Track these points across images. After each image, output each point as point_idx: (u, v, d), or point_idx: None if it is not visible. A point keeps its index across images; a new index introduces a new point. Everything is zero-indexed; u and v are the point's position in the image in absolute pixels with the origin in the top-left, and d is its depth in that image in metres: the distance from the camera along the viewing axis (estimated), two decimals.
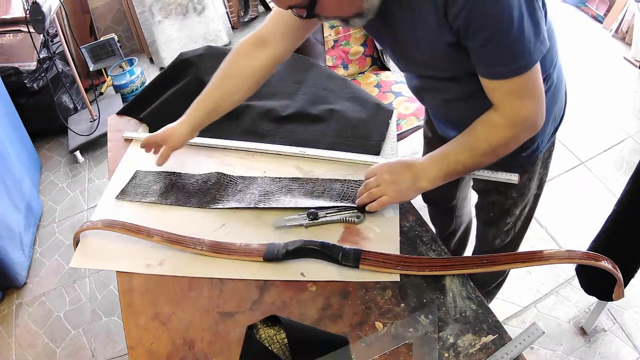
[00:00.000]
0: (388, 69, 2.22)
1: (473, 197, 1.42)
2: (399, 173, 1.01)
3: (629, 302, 1.84)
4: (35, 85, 2.89)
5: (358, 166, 1.19)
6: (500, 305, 1.89)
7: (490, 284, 1.60)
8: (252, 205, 1.10)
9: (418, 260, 0.94)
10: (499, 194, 1.25)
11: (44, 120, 3.02)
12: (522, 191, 1.22)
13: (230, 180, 1.18)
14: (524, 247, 2.10)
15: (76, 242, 1.10)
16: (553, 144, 1.22)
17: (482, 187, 1.30)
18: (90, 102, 2.96)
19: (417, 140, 2.54)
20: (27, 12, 2.33)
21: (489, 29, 0.79)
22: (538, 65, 0.85)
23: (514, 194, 1.23)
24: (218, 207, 1.11)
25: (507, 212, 1.29)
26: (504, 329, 0.82)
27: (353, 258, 0.94)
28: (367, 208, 1.02)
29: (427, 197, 1.55)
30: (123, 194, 1.19)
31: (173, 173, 1.23)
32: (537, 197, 1.33)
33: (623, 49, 3.13)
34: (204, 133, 1.35)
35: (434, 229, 1.39)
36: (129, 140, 1.38)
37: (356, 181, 1.12)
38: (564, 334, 1.78)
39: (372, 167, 1.05)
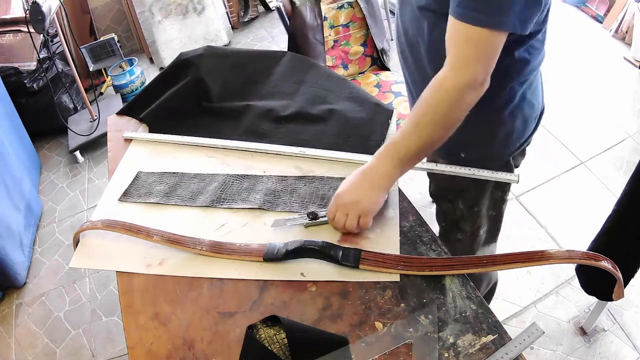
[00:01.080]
0: (388, 69, 2.22)
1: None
2: (355, 190, 0.95)
3: (629, 302, 1.84)
4: (35, 85, 2.89)
5: (358, 166, 1.18)
6: (500, 305, 1.89)
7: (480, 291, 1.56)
8: (256, 207, 1.10)
9: (418, 260, 0.94)
10: (448, 202, 1.24)
11: (43, 120, 3.02)
12: (469, 204, 1.20)
13: (236, 180, 1.18)
14: (524, 247, 2.11)
15: (76, 242, 1.10)
16: (509, 167, 1.17)
17: (434, 191, 1.28)
18: (90, 102, 2.96)
19: None
20: (27, 12, 2.33)
21: None
22: (505, 36, 0.83)
23: (461, 205, 1.21)
24: (224, 207, 1.11)
25: (456, 226, 1.26)
26: (503, 329, 0.82)
27: (353, 258, 0.94)
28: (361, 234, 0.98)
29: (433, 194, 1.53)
30: (126, 196, 1.19)
31: (176, 173, 1.23)
32: (493, 220, 1.30)
33: (623, 49, 3.13)
34: (203, 133, 1.36)
35: (438, 228, 1.38)
36: (128, 140, 1.38)
37: None
38: (564, 334, 1.78)
39: (329, 206, 0.99)
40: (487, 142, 1.12)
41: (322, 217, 1.01)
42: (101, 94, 3.48)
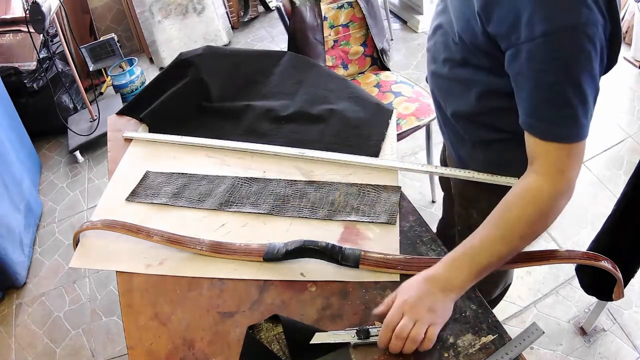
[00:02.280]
0: (388, 69, 2.22)
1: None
2: (427, 297, 0.81)
3: (629, 302, 1.84)
4: (35, 85, 2.89)
5: (357, 167, 1.19)
6: (500, 305, 1.89)
7: (492, 293, 1.54)
8: (266, 212, 1.09)
9: (418, 261, 0.94)
10: (463, 208, 1.23)
11: (43, 120, 3.02)
12: (483, 213, 1.18)
13: (244, 183, 1.17)
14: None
15: (76, 242, 1.10)
16: None
17: (451, 191, 1.28)
18: (90, 102, 2.96)
19: (416, 139, 2.54)
20: (27, 12, 2.33)
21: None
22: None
23: (474, 214, 1.19)
24: (232, 210, 1.11)
25: (470, 230, 1.23)
26: (503, 329, 0.82)
27: (353, 258, 0.94)
28: (420, 349, 0.80)
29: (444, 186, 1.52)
30: (133, 196, 1.19)
31: (184, 174, 1.22)
32: None
33: (623, 48, 3.12)
34: (203, 133, 1.36)
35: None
36: (129, 140, 1.38)
37: (373, 186, 1.12)
38: (564, 334, 1.78)
39: (390, 311, 0.82)
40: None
41: (375, 335, 0.82)
42: (101, 93, 3.48)
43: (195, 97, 1.44)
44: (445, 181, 1.40)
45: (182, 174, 1.22)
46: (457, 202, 1.27)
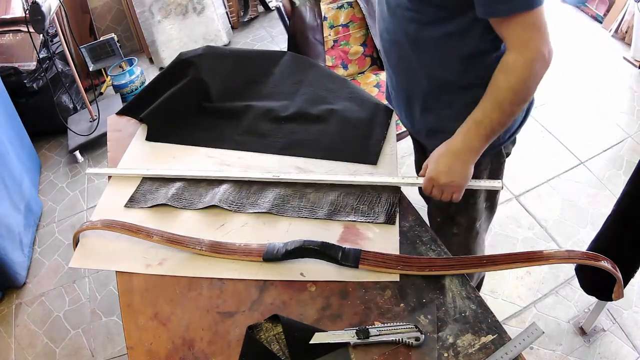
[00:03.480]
0: None
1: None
2: (450, 170, 1.03)
3: (629, 302, 1.84)
4: (35, 85, 2.89)
5: (358, 167, 1.19)
6: (500, 305, 1.89)
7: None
8: (265, 211, 1.09)
9: (417, 260, 0.94)
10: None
11: (43, 120, 3.02)
12: (466, 197, 1.19)
13: (244, 183, 1.17)
14: (524, 247, 2.11)
15: (76, 242, 1.10)
16: (501, 156, 1.21)
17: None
18: (90, 102, 2.96)
19: None
20: (27, 12, 2.33)
21: None
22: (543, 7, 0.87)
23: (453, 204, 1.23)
24: (232, 209, 1.11)
25: (452, 220, 1.29)
26: (503, 329, 0.82)
27: (353, 258, 0.94)
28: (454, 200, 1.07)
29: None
30: (132, 202, 1.18)
31: (182, 178, 1.21)
32: (488, 211, 1.32)
33: (622, 48, 3.13)
34: (204, 133, 1.36)
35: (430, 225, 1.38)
36: (129, 139, 1.38)
37: (373, 186, 1.12)
38: (564, 334, 1.78)
39: (423, 184, 1.08)
40: None
41: (374, 336, 0.84)
42: (101, 94, 3.47)
43: (195, 97, 1.44)
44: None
45: (179, 177, 1.21)
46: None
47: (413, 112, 1.18)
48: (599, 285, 1.47)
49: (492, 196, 1.30)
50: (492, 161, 1.19)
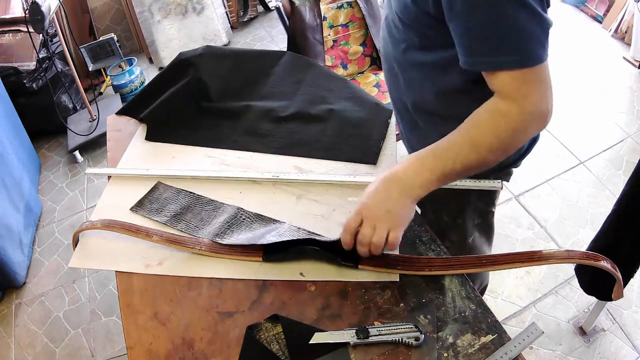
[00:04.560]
0: None
1: None
2: (385, 199, 0.85)
3: (628, 302, 1.84)
4: (34, 85, 2.89)
5: (357, 166, 1.19)
6: (500, 305, 1.89)
7: None
8: (258, 242, 1.00)
9: (417, 260, 0.94)
10: (432, 213, 1.23)
11: (43, 120, 3.02)
12: (453, 215, 1.18)
13: (247, 218, 1.10)
14: (523, 247, 2.11)
15: (75, 242, 1.10)
16: (509, 173, 1.16)
17: (420, 202, 1.26)
18: (90, 102, 2.96)
19: None
20: (27, 11, 2.33)
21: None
22: (546, 64, 0.80)
23: (445, 217, 1.20)
24: (224, 242, 1.03)
25: (444, 235, 1.23)
26: (503, 329, 0.82)
27: (352, 258, 0.94)
28: (388, 251, 0.88)
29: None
30: (138, 206, 1.16)
31: (192, 194, 1.17)
32: (482, 229, 1.29)
33: (622, 48, 3.14)
34: (203, 133, 1.36)
35: None
36: (129, 139, 1.38)
37: None
38: (563, 333, 1.78)
39: (350, 215, 0.87)
40: None
41: (374, 336, 0.82)
42: (100, 93, 3.47)
43: (195, 97, 1.44)
44: None
45: (191, 193, 1.18)
46: (429, 209, 1.25)
47: (402, 122, 1.18)
48: (599, 285, 1.48)
49: (482, 214, 1.24)
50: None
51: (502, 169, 1.14)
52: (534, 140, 1.13)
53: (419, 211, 1.18)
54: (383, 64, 1.15)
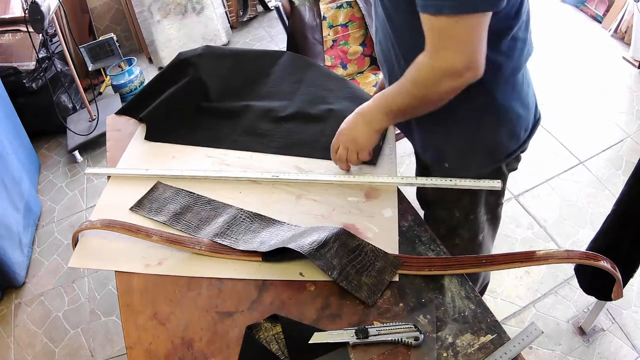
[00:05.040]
0: None
1: None
2: (353, 128, 1.06)
3: (628, 302, 1.84)
4: (34, 85, 2.89)
5: (357, 165, 1.18)
6: (499, 305, 1.89)
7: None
8: (258, 249, 1.00)
9: (417, 260, 0.94)
10: (443, 209, 1.22)
11: (42, 120, 3.02)
12: (466, 212, 1.19)
13: (247, 217, 1.10)
14: (523, 246, 2.11)
15: (75, 242, 1.10)
16: (501, 173, 1.15)
17: (426, 198, 1.26)
18: (89, 102, 2.96)
19: None
20: (26, 11, 2.33)
21: None
22: (482, 18, 0.80)
23: (457, 213, 1.20)
24: (224, 243, 1.03)
25: (454, 232, 1.24)
26: (502, 329, 0.82)
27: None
28: (362, 160, 1.10)
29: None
30: (138, 206, 1.16)
31: (192, 194, 1.17)
32: (491, 224, 1.30)
33: (622, 48, 3.14)
34: (203, 133, 1.36)
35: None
36: (128, 139, 1.38)
37: (373, 248, 0.98)
38: (563, 333, 1.78)
39: (334, 139, 1.11)
40: (469, 153, 1.09)
41: (373, 335, 0.83)
42: (100, 93, 3.47)
43: (195, 97, 1.44)
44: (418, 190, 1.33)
45: (190, 192, 1.17)
46: (438, 206, 1.24)
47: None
48: (598, 285, 1.48)
49: (493, 209, 1.26)
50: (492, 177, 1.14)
51: (502, 159, 1.12)
52: (532, 130, 1.12)
53: (421, 213, 1.18)
54: (382, 66, 1.15)
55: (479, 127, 1.05)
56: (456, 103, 0.93)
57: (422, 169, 1.24)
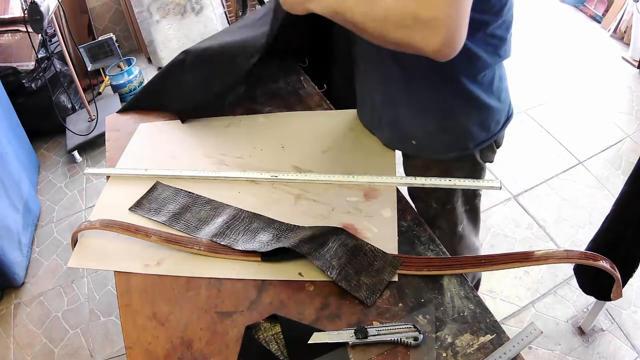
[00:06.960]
0: None
1: None
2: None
3: (627, 302, 1.84)
4: (33, 85, 2.89)
5: (356, 166, 1.18)
6: (499, 305, 1.90)
7: None
8: (257, 250, 1.00)
9: (416, 260, 0.94)
10: (422, 201, 1.24)
11: (42, 120, 3.02)
12: (442, 202, 1.20)
13: (246, 217, 1.09)
14: (522, 246, 2.11)
15: (74, 242, 1.10)
16: (477, 163, 1.15)
17: (410, 191, 1.25)
18: (89, 102, 2.96)
19: None
20: (26, 11, 2.33)
21: None
22: None
23: (434, 203, 1.21)
24: (223, 243, 1.03)
25: (433, 224, 1.23)
26: (502, 329, 0.82)
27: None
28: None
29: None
30: (137, 206, 1.15)
31: (191, 194, 1.17)
32: (470, 215, 1.30)
33: (621, 48, 3.14)
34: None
35: None
36: (127, 139, 1.38)
37: (372, 248, 0.98)
38: (562, 333, 1.78)
39: None
40: (437, 134, 1.10)
41: (372, 335, 0.83)
42: (99, 93, 3.47)
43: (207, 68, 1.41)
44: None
45: (189, 193, 1.17)
46: (416, 198, 1.25)
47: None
48: (598, 285, 1.48)
49: (469, 199, 1.26)
50: (469, 168, 1.16)
51: (471, 147, 1.12)
52: (504, 124, 1.13)
53: (413, 206, 1.17)
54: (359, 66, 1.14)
55: (446, 111, 1.06)
56: (426, 85, 0.97)
57: (407, 162, 1.25)
